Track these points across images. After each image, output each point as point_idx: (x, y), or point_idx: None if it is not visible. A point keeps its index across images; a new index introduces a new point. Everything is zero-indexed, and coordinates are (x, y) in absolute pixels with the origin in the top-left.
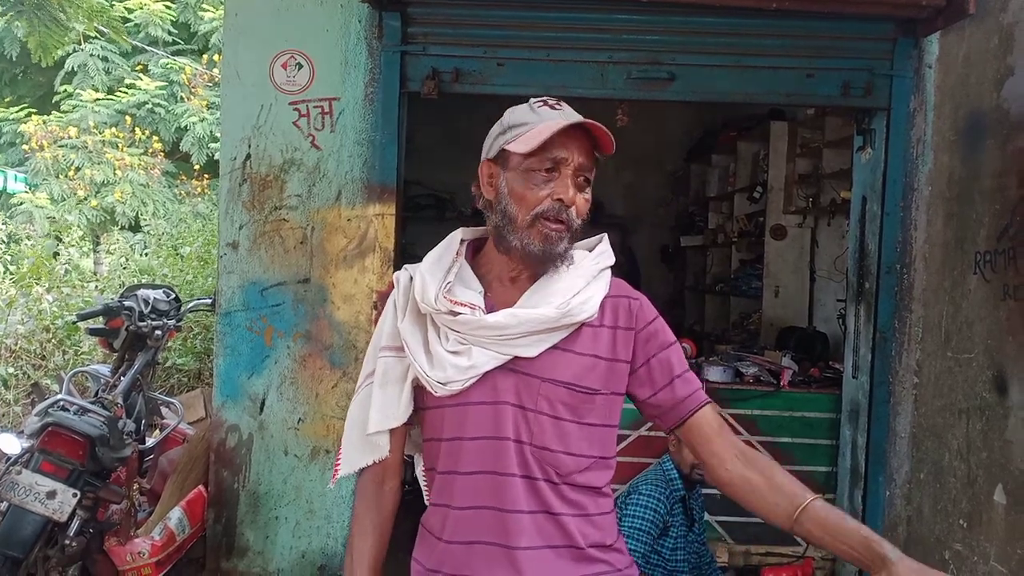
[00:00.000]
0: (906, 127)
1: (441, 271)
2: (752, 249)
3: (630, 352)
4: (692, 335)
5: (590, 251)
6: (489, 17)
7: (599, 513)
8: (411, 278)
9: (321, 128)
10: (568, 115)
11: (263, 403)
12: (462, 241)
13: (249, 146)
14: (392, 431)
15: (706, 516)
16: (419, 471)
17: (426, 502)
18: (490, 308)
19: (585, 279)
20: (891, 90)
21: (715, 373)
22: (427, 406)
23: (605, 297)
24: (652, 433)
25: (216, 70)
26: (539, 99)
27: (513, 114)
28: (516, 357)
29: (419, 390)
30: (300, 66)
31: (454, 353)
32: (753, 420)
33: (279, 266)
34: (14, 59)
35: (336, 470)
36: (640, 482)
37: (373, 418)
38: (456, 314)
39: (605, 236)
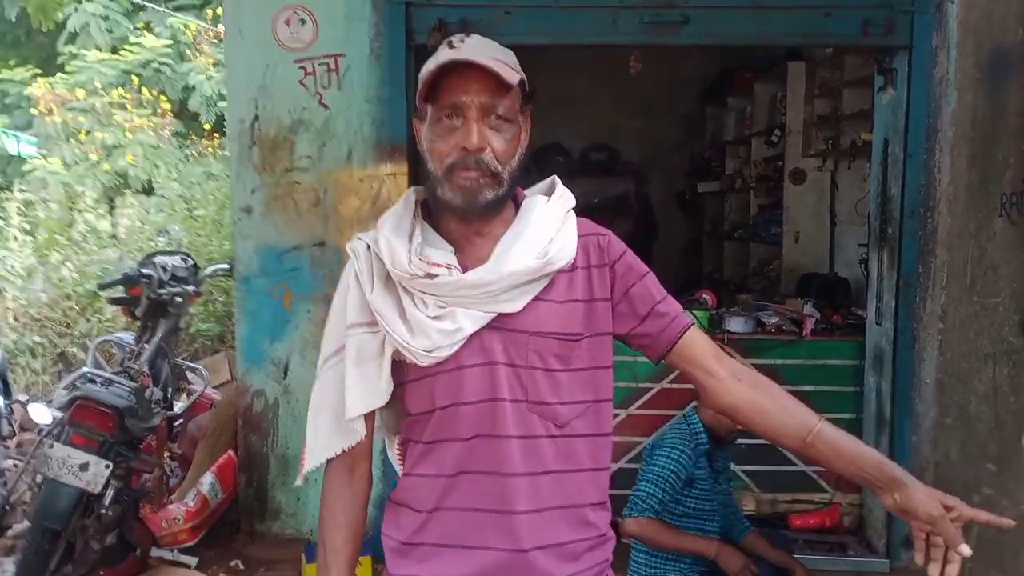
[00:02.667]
0: (928, 65)
1: (405, 234)
2: (771, 194)
3: (608, 289)
4: (711, 283)
5: (548, 196)
6: None
7: (594, 468)
8: (368, 247)
9: (328, 86)
10: (463, 52)
11: (287, 367)
12: (417, 202)
13: (256, 107)
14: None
15: (732, 466)
16: (392, 452)
17: (399, 472)
18: (464, 267)
19: (555, 224)
20: (912, 27)
21: (737, 324)
22: (409, 379)
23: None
24: (674, 385)
25: (220, 26)
26: (446, 40)
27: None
28: (500, 314)
29: (397, 363)
30: (303, 22)
31: (436, 318)
32: (776, 369)
33: (294, 230)
34: (15, 20)
35: (303, 464)
36: (665, 435)
37: (353, 401)
38: (433, 276)
39: (556, 177)
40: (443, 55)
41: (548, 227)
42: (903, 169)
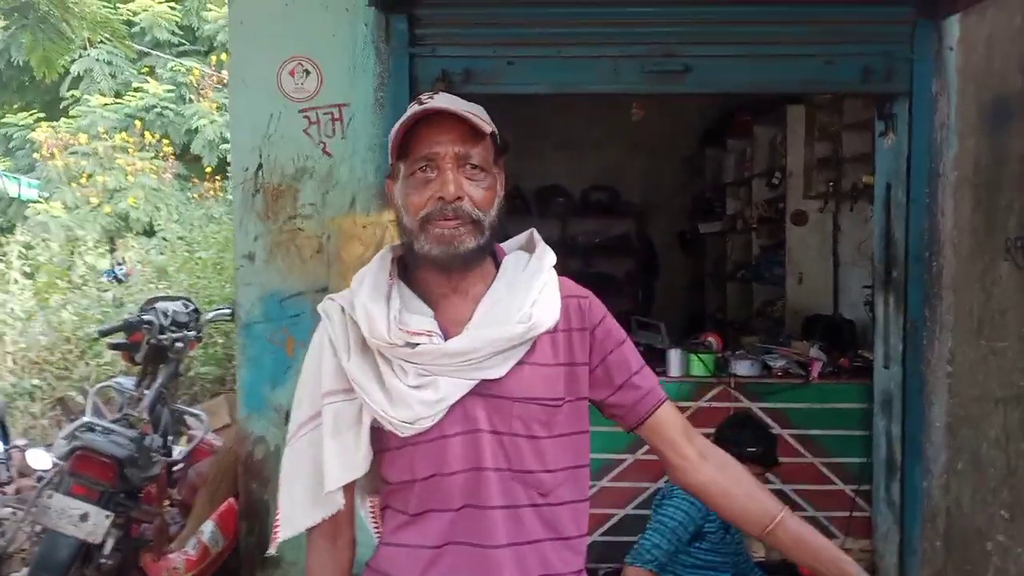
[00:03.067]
0: (929, 111)
1: (382, 298)
2: (773, 235)
3: (587, 353)
4: (715, 323)
5: (527, 251)
6: (497, 15)
7: (577, 536)
8: (342, 309)
9: (332, 135)
10: (434, 103)
11: (288, 414)
12: (394, 260)
13: (260, 156)
14: None
15: None
16: (365, 510)
17: (375, 540)
18: (444, 330)
19: (537, 285)
20: (912, 74)
21: (743, 367)
22: (388, 447)
23: None
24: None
25: (224, 71)
26: (414, 99)
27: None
28: (483, 380)
29: (376, 431)
30: (308, 72)
31: (417, 387)
32: (784, 413)
33: (297, 276)
34: (20, 65)
35: (275, 533)
36: (676, 486)
37: (332, 472)
38: (414, 345)
39: (534, 231)
40: (413, 109)
41: (530, 288)
42: (906, 213)
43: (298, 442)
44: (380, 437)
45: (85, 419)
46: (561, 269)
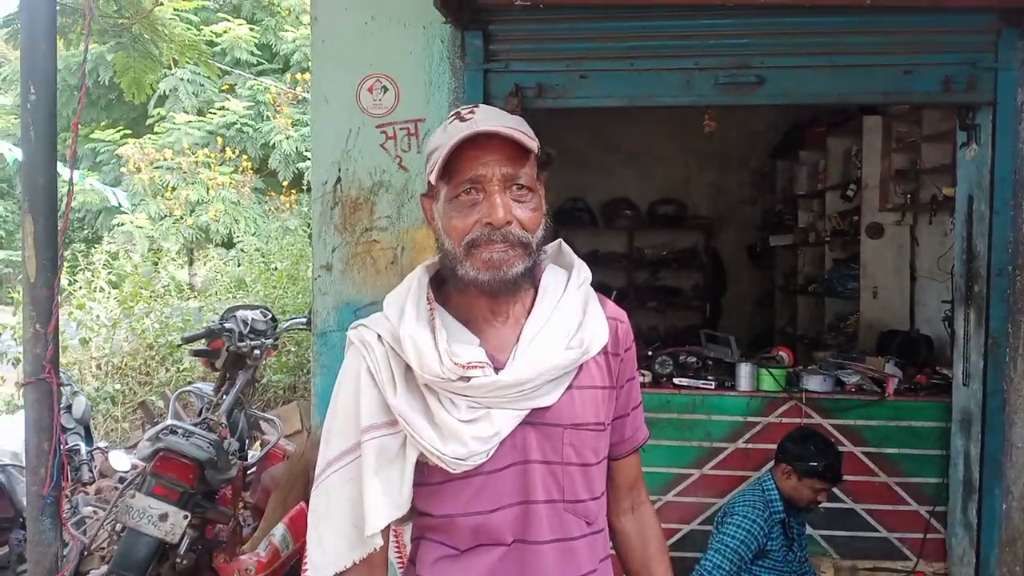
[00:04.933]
0: (1014, 121)
1: (426, 327)
2: (846, 248)
3: (615, 377)
4: (784, 338)
5: (559, 265)
6: (570, 30)
7: (605, 558)
8: (379, 337)
9: (408, 149)
10: (476, 124)
11: None
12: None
13: (339, 170)
14: None
15: (809, 530)
16: (399, 539)
17: (398, 570)
18: (491, 357)
19: (580, 305)
20: (996, 83)
21: (815, 382)
22: (432, 481)
23: None
24: (750, 446)
25: (299, 88)
26: (453, 113)
27: (431, 139)
28: (534, 408)
29: (419, 464)
30: (386, 89)
31: (470, 422)
32: (858, 431)
33: (371, 287)
34: (108, 84)
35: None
36: (737, 502)
37: (375, 511)
38: (468, 379)
39: (562, 242)
40: (457, 128)
41: (574, 309)
42: (989, 226)
43: (328, 480)
44: (421, 471)
45: (168, 422)
46: (628, 282)
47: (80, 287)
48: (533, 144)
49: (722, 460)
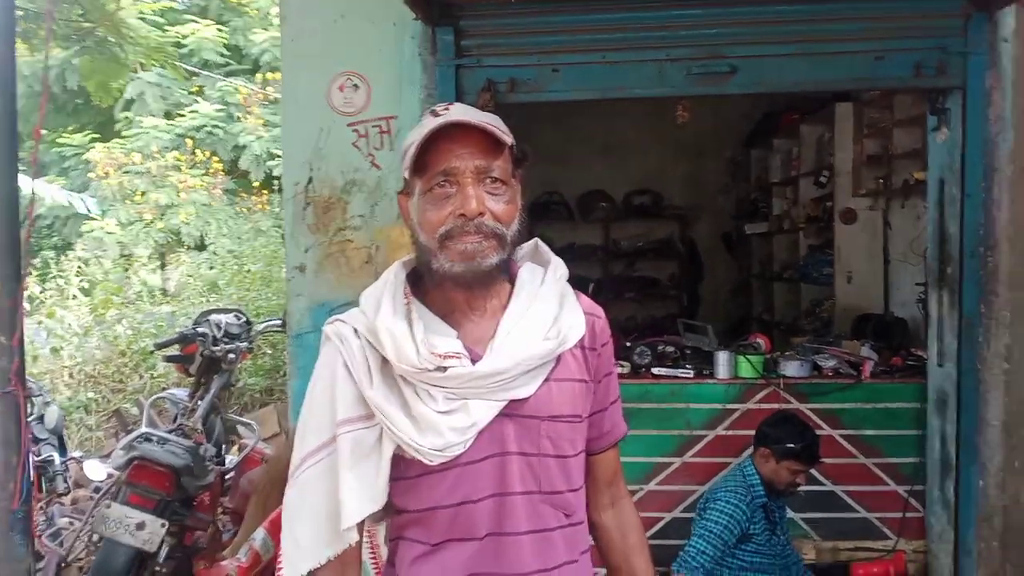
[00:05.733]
0: (983, 105)
1: (403, 319)
2: (821, 234)
3: (593, 372)
4: (761, 325)
5: (536, 262)
6: (541, 24)
7: (585, 551)
8: (355, 331)
9: (380, 147)
10: (452, 116)
11: None
12: (406, 278)
13: (311, 169)
14: None
15: (790, 513)
16: (372, 541)
17: (373, 573)
18: (468, 350)
19: (556, 299)
20: (966, 68)
21: (792, 368)
22: (406, 475)
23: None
24: (729, 432)
25: (270, 88)
26: (428, 110)
27: (407, 136)
28: (511, 400)
29: (395, 458)
30: (356, 87)
31: (447, 413)
32: (835, 414)
33: (346, 286)
34: (75, 89)
35: (278, 573)
36: (719, 488)
37: (350, 505)
38: (445, 369)
39: (539, 240)
40: (430, 122)
41: (550, 302)
42: (960, 208)
43: (303, 475)
44: (397, 465)
45: (142, 430)
46: (605, 274)
47: (51, 295)
48: (507, 137)
49: (702, 448)
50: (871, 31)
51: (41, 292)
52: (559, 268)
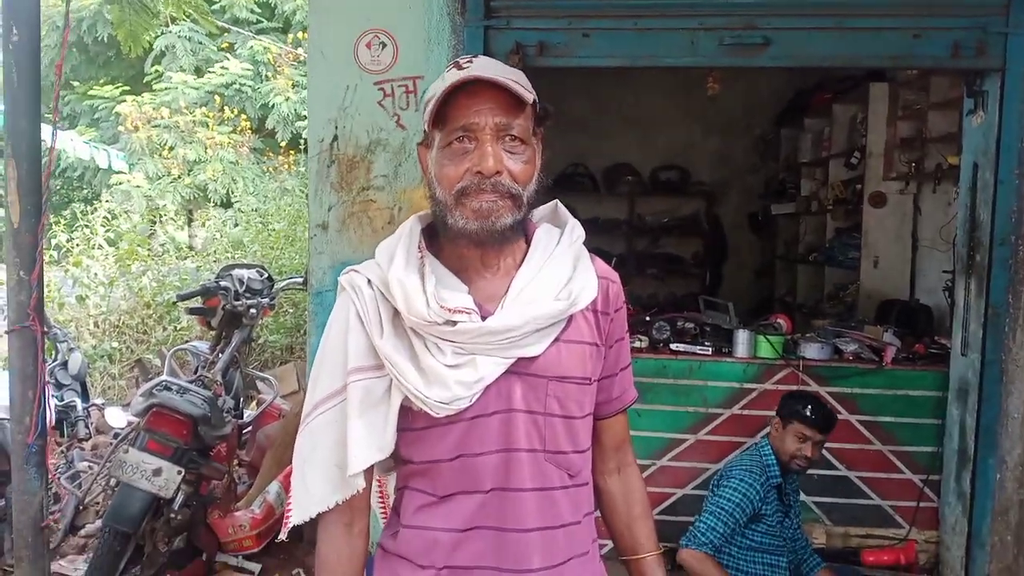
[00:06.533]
0: (1022, 88)
1: (415, 273)
2: (849, 217)
3: (604, 336)
4: (784, 306)
5: (554, 224)
6: None
7: (589, 513)
8: (369, 282)
9: (406, 107)
10: (474, 70)
11: None
12: (421, 233)
13: (336, 127)
14: None
15: (803, 496)
16: (382, 490)
17: (381, 520)
18: (479, 306)
19: (570, 260)
20: (1006, 49)
21: (812, 350)
22: (414, 427)
23: None
24: (745, 412)
25: (300, 49)
26: (452, 62)
27: (430, 87)
28: (519, 358)
29: (402, 409)
30: (384, 45)
31: (454, 367)
32: (853, 399)
33: (368, 246)
34: (107, 41)
35: (287, 517)
36: (734, 466)
37: (356, 454)
38: (454, 323)
39: (558, 202)
40: (452, 75)
41: (565, 264)
42: (993, 195)
43: (314, 421)
44: (405, 416)
45: (163, 378)
46: (628, 249)
47: (78, 244)
48: (529, 95)
49: (717, 426)
50: (909, 8)
51: (68, 241)
52: (575, 230)
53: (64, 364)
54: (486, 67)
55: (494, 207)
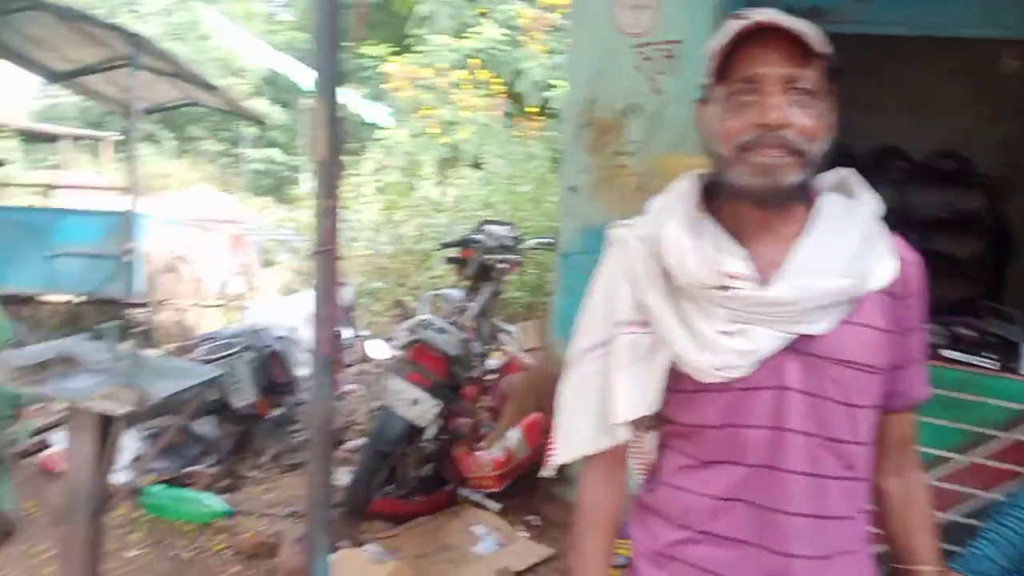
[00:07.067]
0: None
1: (691, 233)
2: None
3: (899, 322)
4: None
5: (841, 193)
6: None
7: (865, 511)
8: (640, 237)
9: (664, 72)
10: (759, 17)
11: None
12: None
13: (592, 90)
14: None
15: None
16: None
17: (638, 477)
18: (758, 272)
19: (860, 234)
20: None
21: None
22: (684, 389)
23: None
24: None
25: (553, 14)
26: (732, 14)
27: (710, 42)
28: (801, 335)
29: (670, 371)
30: (645, 8)
31: (727, 334)
32: None
33: (617, 211)
34: (379, 3)
35: (550, 455)
36: None
37: (620, 405)
38: (728, 289)
39: (853, 171)
40: (736, 24)
41: (853, 238)
42: None
43: (582, 368)
44: (671, 376)
45: (425, 317)
46: None
47: (350, 191)
48: (821, 44)
49: (995, 450)
50: None
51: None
52: (871, 203)
53: None
54: (773, 15)
55: (778, 163)
